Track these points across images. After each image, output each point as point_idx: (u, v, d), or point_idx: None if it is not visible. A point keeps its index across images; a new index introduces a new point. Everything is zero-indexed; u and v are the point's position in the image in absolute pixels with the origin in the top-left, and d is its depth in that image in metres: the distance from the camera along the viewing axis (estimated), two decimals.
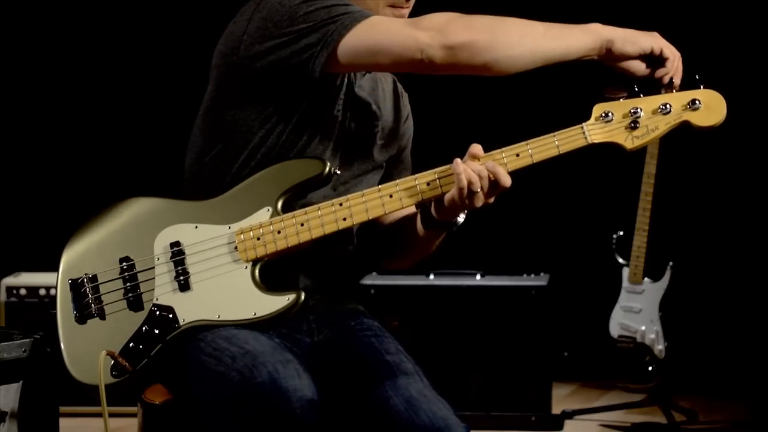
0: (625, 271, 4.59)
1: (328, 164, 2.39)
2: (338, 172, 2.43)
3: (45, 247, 2.60)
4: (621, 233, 4.62)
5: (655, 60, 2.34)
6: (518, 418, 4.43)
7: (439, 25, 2.28)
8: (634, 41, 2.32)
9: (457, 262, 4.55)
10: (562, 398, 4.87)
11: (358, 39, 2.30)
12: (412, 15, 2.45)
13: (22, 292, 4.52)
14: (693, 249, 4.96)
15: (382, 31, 2.30)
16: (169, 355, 2.37)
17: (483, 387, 4.44)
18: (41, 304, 4.48)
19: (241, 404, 2.19)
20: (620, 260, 4.61)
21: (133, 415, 2.47)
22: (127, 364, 2.34)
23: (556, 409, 4.52)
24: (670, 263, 4.53)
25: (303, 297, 2.35)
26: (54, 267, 2.47)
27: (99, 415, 2.36)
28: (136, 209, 2.44)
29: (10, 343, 2.56)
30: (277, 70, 2.35)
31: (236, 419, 2.19)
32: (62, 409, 2.72)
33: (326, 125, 2.44)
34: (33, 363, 2.58)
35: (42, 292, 4.49)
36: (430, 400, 2.29)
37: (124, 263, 2.41)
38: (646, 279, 4.55)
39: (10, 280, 4.55)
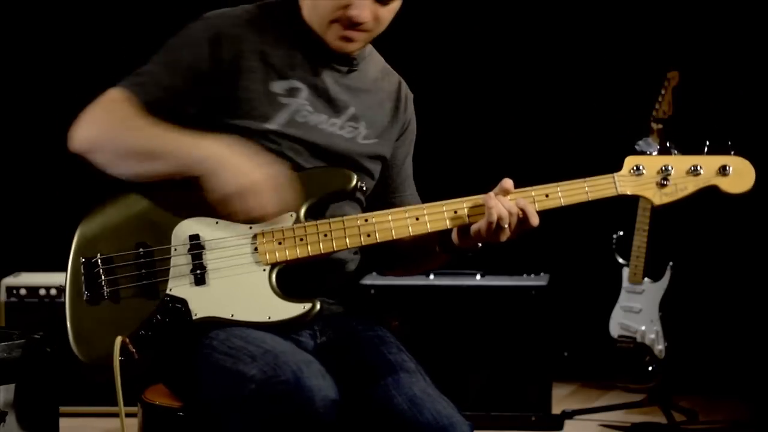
0: (625, 271, 4.59)
1: (355, 178, 2.40)
2: (364, 187, 2.45)
3: (45, 247, 2.60)
4: (621, 233, 4.63)
5: None
6: (518, 418, 4.43)
7: (77, 125, 2.46)
8: (212, 178, 2.31)
9: (457, 262, 4.54)
10: (562, 398, 4.87)
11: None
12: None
13: (22, 292, 4.51)
14: (693, 249, 4.96)
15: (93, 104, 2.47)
16: (177, 347, 2.36)
17: (483, 387, 4.44)
18: (41, 304, 4.48)
19: (264, 403, 2.18)
20: (620, 260, 4.61)
21: (133, 415, 2.47)
22: (135, 350, 2.33)
23: (556, 409, 4.52)
24: (670, 263, 4.53)
25: (318, 306, 2.35)
26: (54, 267, 2.46)
27: (99, 415, 2.35)
28: (156, 196, 2.42)
29: (9, 343, 2.56)
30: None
31: (258, 418, 2.19)
32: (62, 409, 2.73)
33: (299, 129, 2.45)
34: (33, 363, 2.58)
35: (42, 292, 4.49)
36: (434, 399, 2.29)
37: (141, 249, 2.39)
38: (646, 279, 4.55)
39: (10, 280, 4.55)
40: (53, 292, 4.45)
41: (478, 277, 4.53)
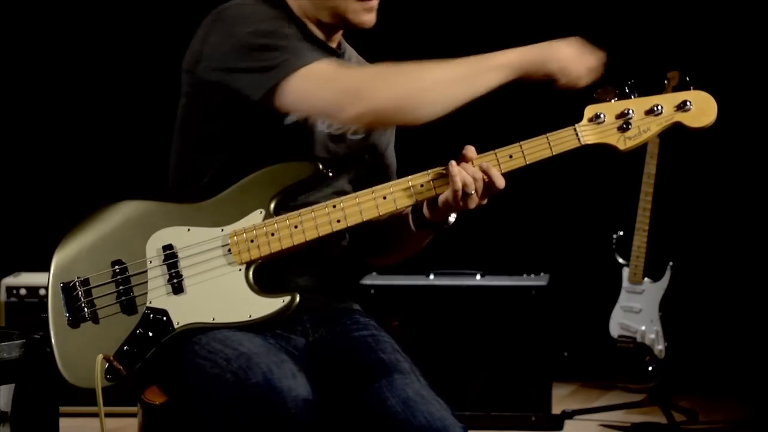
0: (625, 271, 4.59)
1: (320, 165, 2.40)
2: (330, 173, 2.44)
3: (45, 247, 2.61)
4: (621, 233, 4.63)
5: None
6: (518, 418, 4.43)
7: (359, 87, 2.31)
8: (541, 66, 2.34)
9: (457, 262, 4.55)
10: (562, 398, 4.87)
11: (289, 93, 2.33)
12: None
13: (22, 292, 4.52)
14: (693, 249, 4.96)
15: (313, 86, 2.33)
16: (164, 358, 2.37)
17: (483, 387, 4.44)
18: (41, 304, 4.43)
19: (236, 405, 2.19)
20: (620, 260, 4.61)
21: (132, 415, 2.47)
22: (121, 367, 2.34)
23: (556, 409, 4.52)
24: (670, 263, 4.53)
25: (298, 299, 2.36)
26: None
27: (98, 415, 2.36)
28: (127, 212, 2.44)
29: (10, 343, 2.56)
30: (225, 95, 2.38)
31: (232, 420, 2.20)
32: (62, 409, 2.73)
33: (293, 127, 2.44)
34: (33, 363, 2.58)
35: (42, 292, 4.49)
36: (428, 401, 2.29)
37: (117, 267, 2.41)
38: (646, 279, 4.55)
39: (10, 280, 4.55)
40: None
41: (478, 277, 4.53)
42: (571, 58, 2.37)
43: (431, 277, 4.55)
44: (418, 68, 2.32)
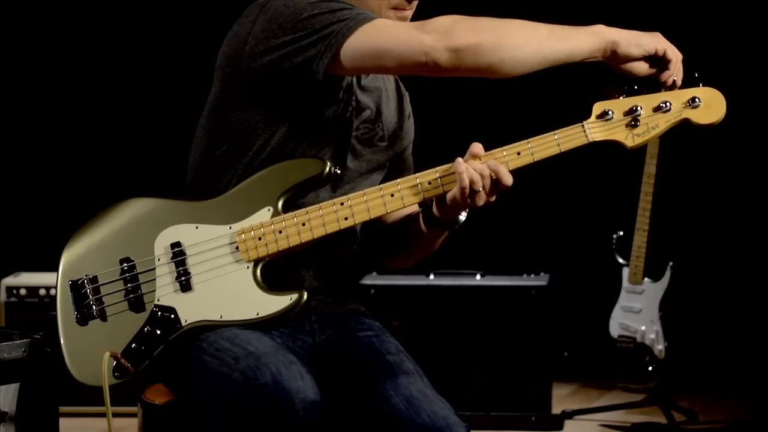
0: (625, 271, 4.59)
1: (329, 164, 2.40)
2: (338, 171, 2.43)
3: (45, 247, 2.61)
4: (621, 233, 4.63)
5: (656, 61, 2.34)
6: (518, 418, 4.43)
7: (443, 27, 2.28)
8: (639, 43, 2.32)
9: (457, 262, 4.55)
10: (562, 398, 4.87)
11: (362, 42, 2.31)
12: (416, 19, 2.46)
13: (22, 292, 4.51)
14: (693, 249, 4.96)
15: (386, 34, 2.31)
16: (171, 355, 2.37)
17: (483, 387, 4.44)
18: (41, 304, 4.48)
19: (244, 405, 2.19)
20: (620, 260, 4.61)
21: (133, 415, 2.48)
22: (129, 365, 2.34)
23: (556, 409, 4.52)
24: (670, 263, 4.53)
25: (305, 296, 2.35)
26: (54, 267, 2.47)
27: (99, 415, 2.36)
28: (135, 210, 2.44)
29: (10, 343, 2.56)
30: (281, 72, 2.35)
31: (239, 420, 2.20)
32: (62, 409, 2.73)
33: (329, 126, 2.44)
34: (33, 363, 2.58)
35: (42, 292, 4.49)
36: (431, 400, 2.29)
37: (125, 264, 2.41)
38: (646, 279, 4.55)
39: (10, 280, 4.55)
40: (53, 292, 4.45)
41: (478, 277, 4.53)
42: (669, 44, 2.34)
43: (431, 277, 4.55)
44: (503, 19, 2.30)
